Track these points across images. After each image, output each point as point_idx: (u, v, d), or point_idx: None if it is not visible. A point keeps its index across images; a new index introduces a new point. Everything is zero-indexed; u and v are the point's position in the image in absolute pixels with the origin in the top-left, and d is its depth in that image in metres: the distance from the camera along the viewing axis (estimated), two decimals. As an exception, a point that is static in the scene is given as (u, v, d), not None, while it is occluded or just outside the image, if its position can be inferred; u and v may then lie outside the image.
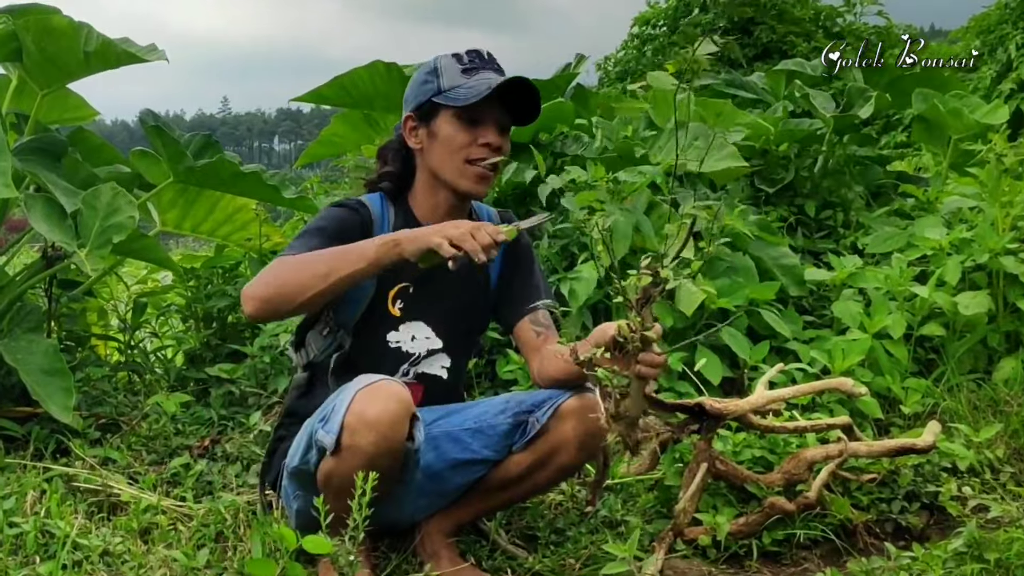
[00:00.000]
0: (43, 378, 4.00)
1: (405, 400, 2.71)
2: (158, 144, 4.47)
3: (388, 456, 2.68)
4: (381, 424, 2.63)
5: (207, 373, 4.84)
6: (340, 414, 2.69)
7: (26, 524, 3.10)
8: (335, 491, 2.64)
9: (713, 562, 3.28)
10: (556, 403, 3.00)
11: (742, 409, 3.33)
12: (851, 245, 6.12)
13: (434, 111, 3.05)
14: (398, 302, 3.05)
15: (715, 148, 5.39)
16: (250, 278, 5.16)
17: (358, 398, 2.68)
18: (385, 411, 2.65)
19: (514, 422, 3.06)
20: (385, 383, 2.73)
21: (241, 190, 4.92)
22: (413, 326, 3.16)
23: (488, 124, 3.02)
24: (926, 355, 5.17)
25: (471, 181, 3.03)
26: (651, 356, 2.66)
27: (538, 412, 3.02)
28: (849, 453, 3.43)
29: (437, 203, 3.13)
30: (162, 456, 4.09)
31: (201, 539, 3.22)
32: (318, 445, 2.77)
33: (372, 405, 2.66)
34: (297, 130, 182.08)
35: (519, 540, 3.39)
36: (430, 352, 3.19)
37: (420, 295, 3.14)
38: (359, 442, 2.65)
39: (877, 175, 7.20)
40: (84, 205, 4.12)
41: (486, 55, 3.10)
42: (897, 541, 3.41)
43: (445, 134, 3.02)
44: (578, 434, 2.95)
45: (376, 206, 3.16)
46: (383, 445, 2.65)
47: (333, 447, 2.69)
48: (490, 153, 3.02)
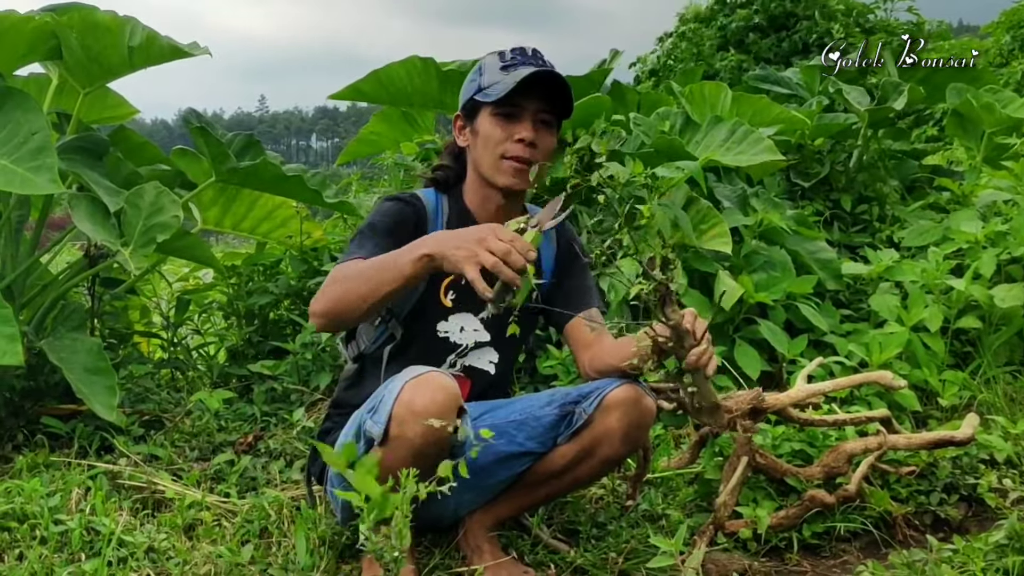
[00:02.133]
0: (87, 377, 4.02)
1: (453, 392, 2.72)
2: (201, 144, 4.47)
3: (435, 447, 2.69)
4: (429, 414, 2.63)
5: (249, 370, 4.87)
6: (388, 405, 2.70)
7: (71, 521, 3.11)
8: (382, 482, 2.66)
9: (754, 555, 3.29)
10: (602, 394, 2.99)
11: (782, 403, 3.34)
12: (887, 239, 6.12)
13: (476, 109, 3.07)
14: (450, 292, 3.07)
15: (752, 142, 5.39)
16: (291, 276, 5.21)
17: (406, 389, 2.69)
18: (433, 402, 2.66)
19: (560, 413, 3.07)
20: (434, 374, 2.75)
21: (283, 192, 4.93)
22: (462, 317, 3.18)
23: (523, 119, 3.02)
24: (962, 348, 5.18)
25: (507, 176, 3.04)
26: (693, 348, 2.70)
27: (584, 403, 3.02)
28: (888, 446, 3.43)
29: (486, 197, 3.14)
30: (205, 452, 4.11)
31: (245, 535, 3.23)
32: (366, 436, 2.79)
33: (420, 396, 2.67)
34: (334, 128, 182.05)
35: (561, 534, 3.40)
36: (478, 344, 3.21)
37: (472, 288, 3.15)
38: (407, 433, 2.67)
39: (911, 169, 7.21)
40: (128, 204, 4.15)
41: (530, 51, 3.10)
42: (936, 533, 3.40)
43: (484, 131, 3.05)
44: (623, 425, 2.95)
45: (431, 199, 3.19)
46: (430, 436, 2.65)
47: (381, 437, 2.71)
48: (524, 148, 3.02)
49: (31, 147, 3.77)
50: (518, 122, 3.02)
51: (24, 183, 3.72)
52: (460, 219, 3.12)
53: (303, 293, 5.26)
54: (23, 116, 3.84)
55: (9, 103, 3.88)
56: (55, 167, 3.73)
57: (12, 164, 3.73)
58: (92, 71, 4.44)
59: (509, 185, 3.06)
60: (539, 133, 3.05)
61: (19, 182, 3.72)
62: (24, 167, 3.73)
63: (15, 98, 3.90)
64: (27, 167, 3.73)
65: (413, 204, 3.14)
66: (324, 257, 5.42)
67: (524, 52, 3.10)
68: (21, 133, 3.80)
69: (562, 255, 3.33)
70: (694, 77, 8.30)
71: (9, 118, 3.84)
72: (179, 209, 4.22)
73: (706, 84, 6.85)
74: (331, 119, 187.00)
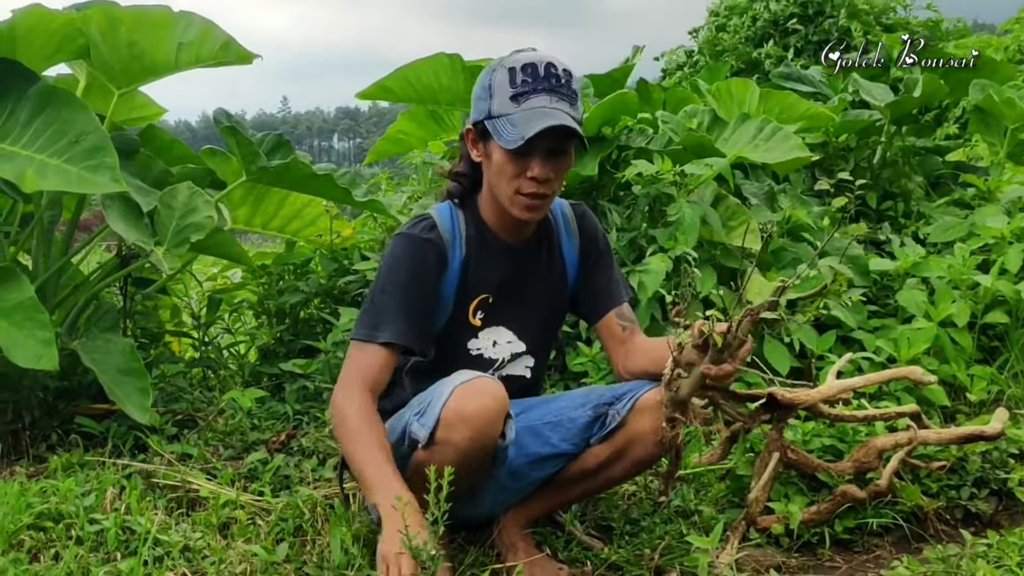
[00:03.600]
0: (120, 378, 4.02)
1: (502, 398, 2.74)
2: (232, 144, 4.47)
3: (480, 452, 2.71)
4: (478, 420, 2.66)
5: (281, 368, 4.87)
6: (437, 408, 2.71)
7: (106, 521, 3.10)
8: (423, 484, 2.59)
9: (786, 551, 3.31)
10: (636, 396, 3.01)
11: (813, 399, 3.36)
12: (912, 235, 6.12)
13: (487, 133, 2.95)
14: (479, 313, 3.06)
15: (780, 139, 5.41)
16: (322, 275, 5.22)
17: (457, 394, 2.70)
18: (483, 407, 2.68)
19: (594, 415, 3.08)
20: (484, 380, 2.76)
21: (313, 191, 4.91)
22: (494, 331, 3.16)
23: (535, 157, 2.89)
24: (989, 343, 5.19)
25: (520, 209, 2.96)
26: (725, 365, 2.71)
27: (618, 405, 3.03)
28: (918, 441, 3.44)
29: (504, 213, 3.06)
30: (239, 451, 4.12)
31: (280, 533, 3.22)
32: (411, 437, 2.81)
33: (471, 401, 2.68)
34: (356, 128, 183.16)
35: (594, 531, 3.42)
36: (514, 356, 3.21)
37: (501, 304, 3.14)
38: (454, 437, 2.68)
39: (935, 165, 7.22)
40: (161, 204, 4.15)
41: (542, 70, 2.89)
42: (967, 527, 3.42)
43: (496, 161, 2.94)
44: (655, 428, 2.91)
45: (446, 221, 3.11)
46: (477, 441, 2.68)
47: (427, 440, 2.72)
48: (538, 186, 2.92)
49: (86, 146, 3.75)
50: (531, 159, 2.89)
51: (82, 182, 3.71)
52: (479, 235, 3.11)
53: (333, 292, 5.28)
54: (71, 115, 3.83)
55: (54, 103, 3.87)
56: (115, 165, 3.72)
57: (66, 164, 3.72)
58: (132, 70, 4.37)
59: (523, 217, 3.00)
60: (552, 164, 2.94)
61: (76, 181, 3.71)
62: (79, 166, 3.72)
63: (60, 98, 3.89)
64: (83, 166, 3.72)
65: (429, 240, 3.05)
66: (355, 256, 5.44)
67: (535, 72, 2.90)
68: (71, 133, 3.79)
69: (586, 248, 3.29)
70: (719, 75, 8.33)
71: (55, 117, 3.83)
72: (212, 209, 4.22)
73: (733, 81, 6.88)
74: (352, 119, 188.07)
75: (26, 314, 3.68)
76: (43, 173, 3.72)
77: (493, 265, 3.08)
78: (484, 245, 3.10)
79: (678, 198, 4.85)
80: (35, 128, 3.83)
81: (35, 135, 3.82)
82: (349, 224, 5.69)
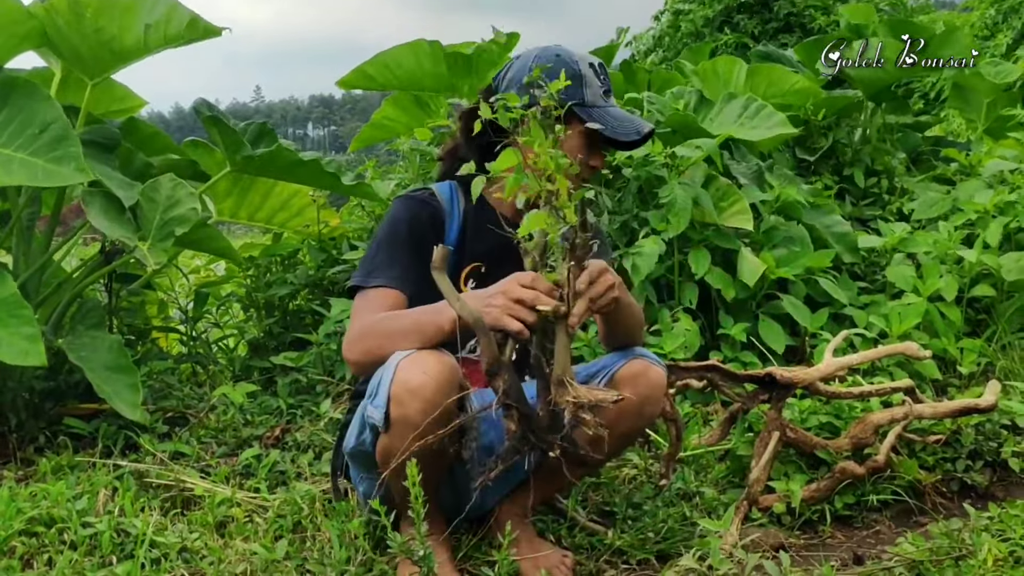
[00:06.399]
0: (108, 375, 3.97)
1: (448, 364, 2.66)
2: (215, 133, 4.43)
3: (437, 424, 2.56)
4: (426, 389, 2.58)
5: (272, 362, 4.85)
6: (386, 387, 2.65)
7: (100, 524, 3.05)
8: (396, 470, 2.58)
9: (788, 529, 3.30)
10: (610, 372, 2.97)
11: (811, 377, 3.36)
12: (897, 211, 6.16)
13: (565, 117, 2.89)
14: (470, 281, 3.05)
15: (765, 116, 5.43)
16: (310, 265, 5.18)
17: (400, 367, 2.63)
18: (428, 377, 2.61)
19: None
20: (426, 351, 2.68)
21: (301, 178, 4.89)
22: None
23: (599, 150, 3.08)
24: (976, 316, 5.26)
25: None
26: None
27: (593, 383, 2.96)
28: (914, 415, 3.48)
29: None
30: (232, 448, 4.09)
31: (278, 530, 3.18)
32: (369, 423, 2.75)
33: (414, 373, 2.61)
34: (330, 116, 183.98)
35: (596, 516, 3.39)
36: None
37: (493, 274, 3.10)
38: (407, 412, 2.60)
39: (915, 141, 7.27)
40: (143, 198, 4.11)
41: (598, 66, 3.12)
42: (963, 499, 3.44)
43: (569, 145, 2.93)
44: (635, 401, 2.85)
45: (445, 196, 3.15)
46: (431, 412, 2.56)
47: (383, 422, 2.66)
48: (591, 173, 3.10)
49: (49, 137, 3.71)
50: (596, 152, 3.07)
51: (47, 175, 3.67)
52: (481, 214, 3.10)
53: (323, 282, 5.26)
54: (34, 106, 3.78)
55: (15, 94, 3.82)
56: (79, 155, 3.67)
57: (30, 157, 3.68)
58: (102, 58, 4.30)
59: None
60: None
61: (41, 175, 3.66)
62: (44, 159, 3.68)
63: (21, 88, 3.84)
64: (47, 158, 3.68)
65: (428, 203, 3.09)
66: (343, 245, 5.41)
67: (605, 71, 3.14)
68: (34, 124, 3.74)
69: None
70: (703, 55, 8.34)
71: (18, 109, 3.79)
72: (196, 201, 4.17)
73: (718, 60, 6.92)
74: (326, 107, 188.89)
75: (9, 311, 3.61)
76: (8, 167, 3.68)
77: (488, 236, 3.04)
78: (482, 218, 3.08)
79: (669, 180, 4.84)
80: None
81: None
82: (336, 213, 5.66)
